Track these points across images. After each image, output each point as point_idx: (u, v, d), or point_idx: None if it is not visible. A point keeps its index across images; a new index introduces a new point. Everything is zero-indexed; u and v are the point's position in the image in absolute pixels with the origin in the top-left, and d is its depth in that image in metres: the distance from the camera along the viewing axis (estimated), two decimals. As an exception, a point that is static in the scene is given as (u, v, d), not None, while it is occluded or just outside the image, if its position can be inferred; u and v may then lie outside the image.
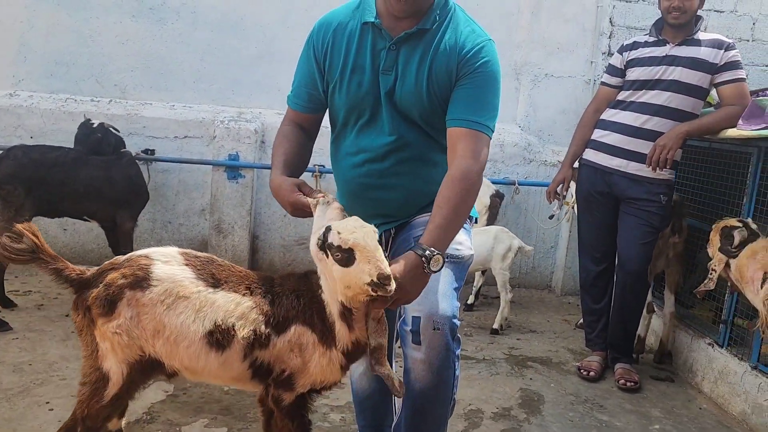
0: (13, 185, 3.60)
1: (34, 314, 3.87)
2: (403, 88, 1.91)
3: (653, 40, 3.49)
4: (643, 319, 3.86)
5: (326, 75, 2.00)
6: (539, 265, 5.33)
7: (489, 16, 5.01)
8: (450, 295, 1.92)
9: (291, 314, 1.79)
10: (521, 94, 5.27)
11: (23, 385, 2.94)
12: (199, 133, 4.92)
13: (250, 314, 1.78)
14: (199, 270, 1.82)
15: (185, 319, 1.75)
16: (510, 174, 5.14)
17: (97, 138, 4.05)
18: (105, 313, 1.77)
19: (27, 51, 4.84)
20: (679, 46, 3.39)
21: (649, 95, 3.41)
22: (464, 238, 2.06)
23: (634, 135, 3.42)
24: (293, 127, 2.06)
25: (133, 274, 1.79)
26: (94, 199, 3.89)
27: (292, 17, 4.99)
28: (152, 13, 4.91)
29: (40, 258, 1.82)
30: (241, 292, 1.80)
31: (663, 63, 3.39)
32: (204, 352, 1.78)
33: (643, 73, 3.44)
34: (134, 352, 1.79)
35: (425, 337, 1.87)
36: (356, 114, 1.99)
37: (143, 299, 1.76)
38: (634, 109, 3.44)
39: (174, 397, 2.98)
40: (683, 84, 3.35)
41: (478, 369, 3.58)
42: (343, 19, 1.98)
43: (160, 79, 4.99)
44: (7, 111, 4.72)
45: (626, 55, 3.54)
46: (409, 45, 1.91)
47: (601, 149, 3.54)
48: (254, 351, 1.80)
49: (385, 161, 1.99)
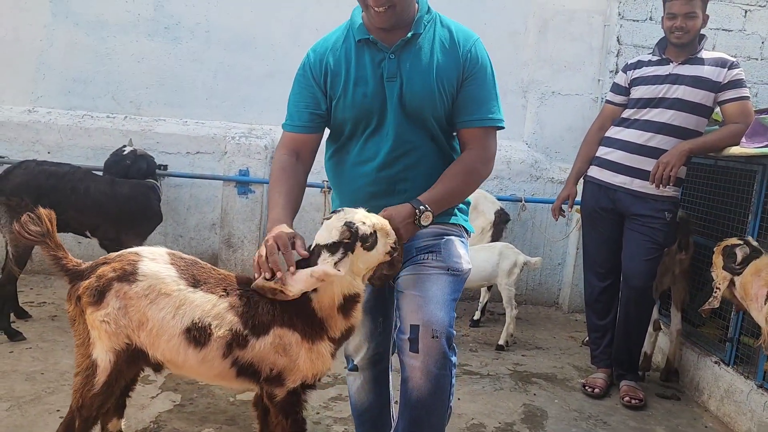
0: (20, 197, 3.65)
1: (47, 325, 3.95)
2: (412, 90, 2.00)
3: (657, 59, 3.53)
4: (650, 336, 3.86)
5: (328, 93, 2.07)
6: (546, 281, 5.34)
7: (496, 35, 5.09)
8: (448, 305, 1.98)
9: (268, 318, 1.88)
10: (528, 112, 5.32)
11: (35, 394, 3.01)
12: (211, 148, 5.02)
13: (225, 315, 1.88)
14: (182, 270, 1.94)
15: (166, 314, 1.87)
16: (517, 191, 5.18)
17: (125, 165, 4.14)
18: (94, 302, 1.89)
19: (46, 69, 4.99)
20: (683, 65, 3.43)
21: (653, 113, 3.45)
22: (463, 252, 2.12)
23: (638, 152, 3.44)
24: (291, 158, 2.07)
25: (122, 268, 1.91)
26: (96, 215, 3.90)
27: (302, 36, 5.10)
28: (167, 33, 5.05)
29: (47, 243, 1.96)
30: (219, 293, 1.91)
31: (667, 81, 3.43)
32: (183, 347, 1.88)
33: (647, 91, 3.48)
34: (121, 341, 1.90)
35: (423, 345, 1.92)
36: (363, 124, 2.06)
37: (130, 292, 1.89)
38: (639, 126, 3.48)
39: (181, 407, 3.03)
40: (687, 102, 3.38)
41: (482, 384, 3.59)
42: (335, 42, 2.09)
43: (174, 96, 5.11)
44: (26, 127, 4.86)
45: (630, 74, 3.59)
46: (408, 51, 2.01)
47: (605, 166, 3.57)
48: (233, 350, 1.89)
49: (393, 167, 2.06)
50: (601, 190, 3.59)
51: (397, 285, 2.09)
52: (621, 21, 5.15)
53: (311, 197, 4.93)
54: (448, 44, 2.04)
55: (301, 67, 2.12)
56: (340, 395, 3.26)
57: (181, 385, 3.23)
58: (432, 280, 2.00)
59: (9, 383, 3.10)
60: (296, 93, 2.11)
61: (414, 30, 2.02)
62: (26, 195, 3.66)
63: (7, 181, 3.71)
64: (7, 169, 3.86)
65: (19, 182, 3.69)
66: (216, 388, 3.24)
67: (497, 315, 4.90)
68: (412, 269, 2.05)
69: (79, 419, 1.96)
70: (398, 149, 2.05)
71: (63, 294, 4.53)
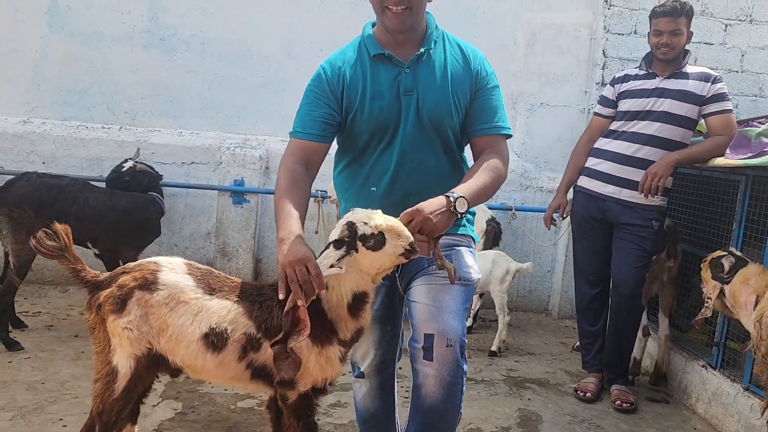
0: (23, 208, 3.70)
1: (44, 334, 3.96)
2: (429, 102, 2.09)
3: (643, 73, 3.66)
4: (639, 341, 3.96)
5: (344, 106, 2.12)
6: (536, 288, 5.44)
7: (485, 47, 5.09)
8: (460, 314, 2.06)
9: (279, 322, 1.94)
10: (518, 123, 5.43)
11: (37, 403, 3.03)
12: (206, 159, 5.06)
13: (240, 319, 1.97)
14: (199, 279, 2.03)
15: (185, 321, 1.96)
16: (507, 200, 5.28)
17: (125, 181, 4.19)
18: (116, 310, 1.97)
19: (41, 79, 5.01)
20: (668, 79, 3.57)
21: (640, 125, 3.57)
22: (473, 262, 2.19)
23: (626, 163, 3.56)
24: (300, 167, 2.08)
25: (143, 277, 2.00)
26: (96, 226, 3.95)
27: (295, 48, 5.18)
28: (162, 44, 5.10)
29: (65, 257, 2.04)
30: (233, 299, 2.00)
31: (653, 95, 3.56)
32: (201, 352, 1.97)
33: (635, 104, 3.60)
34: (142, 346, 1.98)
35: (438, 353, 1.98)
36: (378, 136, 2.13)
37: (151, 300, 1.97)
38: (626, 138, 3.60)
39: (183, 414, 3.06)
40: (673, 115, 3.51)
41: (477, 390, 3.67)
42: (350, 56, 2.16)
43: (169, 106, 5.15)
44: (21, 137, 4.87)
45: (618, 87, 3.72)
46: (422, 65, 2.12)
47: (594, 176, 3.69)
48: (248, 353, 1.97)
49: (407, 180, 2.12)
50: (590, 200, 3.70)
51: (408, 294, 2.15)
52: (607, 35, 5.30)
53: (305, 207, 4.98)
54: (460, 59, 2.16)
55: (315, 79, 2.14)
56: (339, 402, 3.31)
57: (182, 394, 3.27)
58: (444, 290, 2.06)
59: (11, 393, 3.11)
60: (309, 103, 2.13)
61: (426, 45, 2.13)
62: (28, 207, 3.72)
63: (9, 192, 3.74)
64: (8, 180, 3.89)
65: (22, 194, 3.73)
66: (217, 396, 3.28)
67: (489, 321, 4.98)
68: (424, 279, 2.10)
69: (99, 424, 2.02)
70: (412, 162, 2.12)
71: (58, 304, 4.58)
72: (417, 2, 2.05)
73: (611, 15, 5.29)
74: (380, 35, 2.15)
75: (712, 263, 3.02)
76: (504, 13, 5.34)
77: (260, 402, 3.22)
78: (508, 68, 5.38)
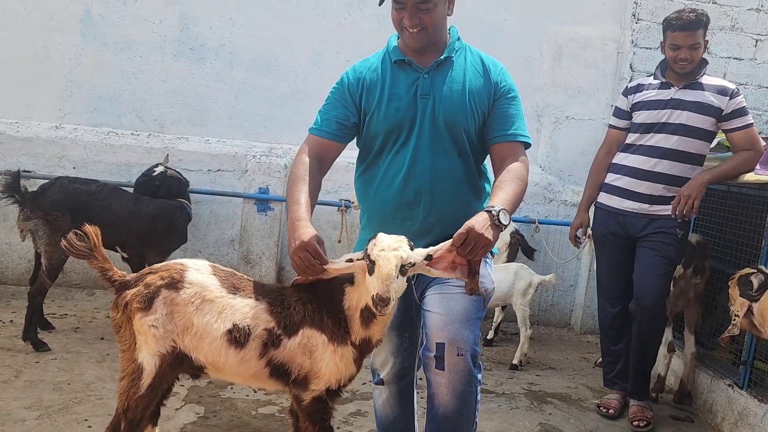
0: (60, 211, 3.83)
1: (70, 336, 4.03)
2: (444, 104, 2.16)
3: (658, 83, 3.54)
4: (664, 358, 3.91)
5: (363, 108, 2.22)
6: (559, 302, 5.40)
7: (511, 60, 5.19)
8: (472, 323, 2.07)
9: (298, 319, 2.02)
10: (542, 135, 5.42)
11: (63, 403, 3.09)
12: (232, 166, 5.13)
13: (262, 316, 2.03)
14: (223, 279, 2.09)
15: (209, 319, 2.02)
16: (530, 213, 5.26)
17: (154, 185, 4.28)
18: (143, 308, 2.01)
19: (73, 87, 5.13)
20: (684, 90, 3.46)
21: (656, 138, 3.47)
22: (487, 272, 2.21)
23: (645, 178, 3.48)
24: (313, 160, 2.19)
25: (170, 277, 2.05)
26: (122, 230, 4.05)
27: (323, 59, 5.24)
28: (192, 53, 5.19)
29: (94, 257, 2.09)
30: (255, 297, 2.06)
31: (668, 107, 3.45)
32: (224, 349, 2.02)
33: (650, 116, 3.49)
34: (167, 344, 2.03)
35: (449, 362, 2.00)
36: (394, 137, 2.20)
37: (177, 299, 2.02)
38: (643, 152, 3.50)
39: (204, 419, 3.09)
40: (690, 128, 3.42)
41: (498, 403, 3.64)
42: (373, 63, 2.28)
43: (197, 114, 5.24)
44: (53, 142, 4.99)
45: (631, 98, 3.60)
46: (441, 72, 2.20)
47: (613, 192, 3.61)
48: (269, 350, 2.02)
49: (420, 179, 2.17)
50: (610, 216, 3.63)
51: (423, 304, 2.18)
52: (634, 48, 5.27)
53: (328, 215, 5.03)
54: (479, 69, 2.23)
55: (338, 83, 2.27)
56: (359, 410, 3.32)
57: (205, 398, 3.30)
58: (457, 300, 2.08)
59: (37, 393, 3.17)
60: (329, 104, 2.26)
61: (447, 54, 2.21)
62: (65, 210, 3.84)
63: (45, 197, 3.86)
64: (43, 185, 4.01)
65: (57, 199, 3.86)
66: (239, 401, 3.30)
67: (510, 335, 4.95)
68: (437, 289, 2.13)
69: (125, 421, 2.05)
70: (424, 162, 2.17)
71: (84, 306, 4.66)
72: (432, 24, 2.14)
73: (639, 29, 5.26)
74: (403, 46, 2.25)
75: (740, 280, 2.98)
76: (530, 26, 5.35)
77: (281, 408, 3.24)
78: (533, 81, 5.38)
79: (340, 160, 2.40)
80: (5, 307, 4.45)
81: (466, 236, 1.87)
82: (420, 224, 2.18)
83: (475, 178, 2.26)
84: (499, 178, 2.12)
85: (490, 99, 2.20)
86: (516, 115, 2.22)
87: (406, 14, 2.11)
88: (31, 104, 5.10)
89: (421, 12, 2.10)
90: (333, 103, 2.25)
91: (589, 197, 3.80)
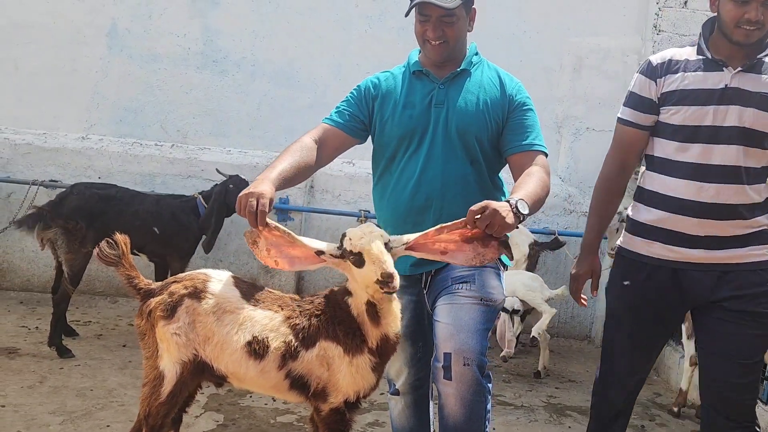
0: (76, 220, 3.89)
1: (93, 343, 4.10)
2: (458, 113, 2.21)
3: (702, 59, 2.25)
4: (686, 372, 3.85)
5: (376, 113, 2.29)
6: (578, 315, 5.35)
7: (531, 71, 5.21)
8: (480, 333, 2.07)
9: (314, 331, 2.04)
10: (562, 147, 5.41)
11: (86, 409, 3.14)
12: (253, 177, 5.11)
13: (280, 328, 2.04)
14: (244, 291, 2.11)
15: (230, 330, 2.03)
16: (550, 224, 5.23)
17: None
18: (166, 317, 2.04)
19: (100, 98, 5.25)
20: (744, 73, 2.19)
21: (708, 152, 2.21)
22: (497, 283, 2.22)
23: (707, 214, 2.21)
24: (312, 142, 2.21)
25: (193, 286, 2.08)
26: (142, 233, 4.08)
27: (343, 71, 5.29)
28: (215, 66, 5.28)
29: (122, 264, 2.13)
30: (274, 309, 2.08)
31: (723, 101, 2.19)
32: (244, 360, 2.03)
33: (694, 115, 2.21)
34: (189, 353, 2.05)
35: (456, 372, 2.01)
36: (406, 143, 2.25)
37: (199, 309, 2.05)
38: (693, 174, 2.22)
39: (224, 427, 3.12)
40: (757, 133, 2.19)
41: (516, 415, 3.62)
42: (392, 73, 2.37)
43: (219, 126, 5.32)
44: (79, 153, 5.10)
45: (662, 82, 2.27)
46: (456, 83, 2.26)
47: (656, 236, 2.30)
48: (287, 362, 2.03)
49: (431, 184, 2.21)
50: (651, 271, 2.32)
51: (433, 314, 2.19)
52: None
53: (348, 225, 5.00)
54: (495, 83, 2.29)
55: (356, 87, 2.36)
56: (377, 421, 3.32)
57: (224, 406, 3.33)
58: (465, 310, 2.09)
59: (61, 398, 3.23)
60: (345, 101, 2.35)
61: (464, 66, 2.27)
62: (81, 218, 3.90)
63: (63, 206, 3.93)
64: (60, 194, 4.09)
65: (75, 206, 3.92)
66: (257, 409, 3.33)
67: (529, 347, 4.92)
68: (446, 299, 2.15)
69: (146, 427, 2.08)
70: (435, 168, 2.21)
71: (107, 314, 4.73)
72: (453, 37, 2.20)
73: (660, 41, 5.23)
74: (424, 60, 2.32)
75: None
76: (550, 37, 5.35)
77: (300, 417, 3.26)
78: (553, 93, 5.38)
79: (359, 171, 2.44)
80: (31, 314, 4.54)
81: (481, 211, 1.87)
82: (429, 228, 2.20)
83: (488, 187, 2.28)
84: (518, 180, 2.13)
85: (505, 111, 2.24)
86: (532, 126, 2.24)
87: (430, 26, 2.17)
88: (59, 115, 5.22)
89: (444, 25, 2.16)
90: (348, 101, 2.34)
91: (599, 232, 2.50)
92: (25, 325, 4.26)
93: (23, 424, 2.92)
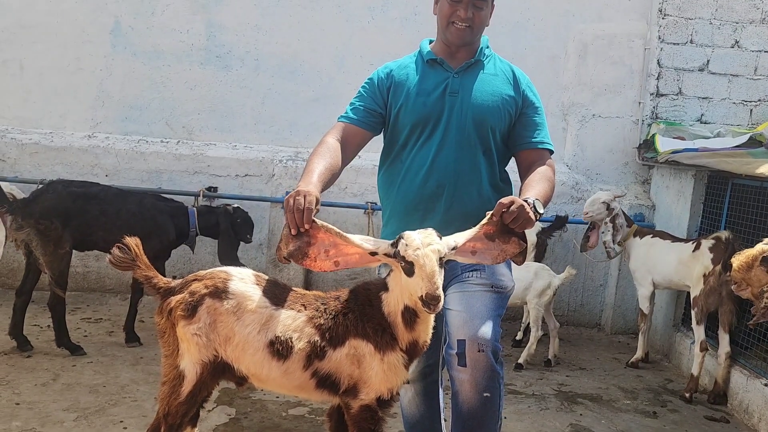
0: (50, 220, 3.67)
1: (105, 340, 4.13)
2: (473, 101, 2.23)
3: None
4: (697, 357, 3.84)
5: (390, 101, 2.29)
6: (588, 302, 5.34)
7: (536, 59, 5.18)
8: (492, 320, 2.09)
9: (342, 329, 1.99)
10: (569, 134, 5.38)
11: (99, 405, 3.16)
12: (259, 171, 5.20)
13: (304, 328, 2.00)
14: (266, 290, 2.06)
15: (251, 330, 2.00)
16: (558, 212, 5.20)
17: None
18: (187, 316, 2.01)
19: (105, 96, 5.26)
20: None
21: None
22: (506, 271, 2.24)
23: None
24: (336, 143, 2.21)
25: (214, 285, 2.04)
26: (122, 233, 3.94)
27: (347, 63, 5.28)
28: (219, 61, 5.28)
29: (138, 266, 2.10)
30: (297, 309, 2.03)
31: None
32: (267, 361, 2.00)
33: None
34: (209, 353, 2.02)
35: (470, 359, 2.02)
36: (419, 130, 2.26)
37: (220, 308, 2.01)
38: None
39: (236, 420, 3.14)
40: None
41: (528, 403, 3.62)
42: (404, 62, 2.38)
43: (224, 121, 5.32)
44: (86, 151, 5.12)
45: None
46: (470, 73, 2.29)
47: None
48: (313, 362, 1.99)
49: (443, 172, 2.22)
50: None
51: (445, 302, 2.18)
52: (661, 44, 5.20)
53: (355, 218, 5.05)
54: (509, 77, 2.33)
55: (369, 79, 2.37)
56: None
57: (236, 400, 3.34)
58: (476, 297, 2.11)
59: (74, 395, 3.26)
60: (358, 96, 2.35)
61: (477, 57, 2.31)
62: (55, 218, 3.66)
63: (36, 204, 3.69)
64: (34, 191, 3.87)
65: (48, 206, 3.69)
66: (269, 403, 3.34)
67: (539, 336, 4.91)
68: (457, 287, 2.16)
69: (164, 425, 2.07)
70: (447, 156, 2.22)
71: (118, 311, 4.75)
72: (479, 23, 2.24)
73: (666, 24, 5.19)
74: (436, 48, 2.33)
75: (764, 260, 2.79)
76: (555, 24, 5.31)
77: (311, 410, 3.27)
78: (558, 80, 5.34)
79: (365, 163, 2.43)
80: (43, 312, 4.56)
81: (509, 205, 1.90)
82: (441, 217, 2.20)
83: (497, 177, 2.31)
84: (529, 178, 2.17)
85: (519, 106, 2.28)
86: (542, 125, 2.32)
87: (462, 7, 2.19)
88: (65, 114, 5.24)
89: (475, 9, 2.20)
90: (362, 95, 2.34)
91: None
92: (38, 324, 4.29)
93: (38, 421, 2.95)
